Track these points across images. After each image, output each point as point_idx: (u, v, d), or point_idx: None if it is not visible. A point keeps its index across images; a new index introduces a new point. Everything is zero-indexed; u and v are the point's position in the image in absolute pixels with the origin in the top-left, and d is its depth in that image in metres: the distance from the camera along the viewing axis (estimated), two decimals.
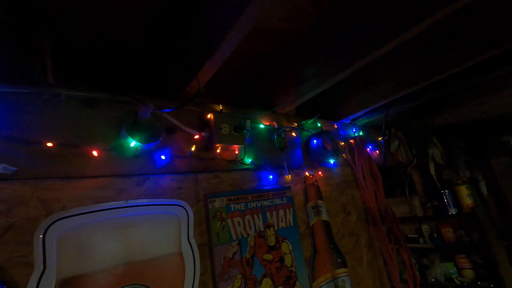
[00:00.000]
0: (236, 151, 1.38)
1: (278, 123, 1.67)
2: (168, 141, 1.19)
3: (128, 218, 1.01)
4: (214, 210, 1.21)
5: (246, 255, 1.24)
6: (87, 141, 1.01)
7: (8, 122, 0.89)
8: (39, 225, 0.85)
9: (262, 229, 1.34)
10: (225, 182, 1.32)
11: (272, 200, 1.43)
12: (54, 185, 0.91)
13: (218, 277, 1.13)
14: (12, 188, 0.85)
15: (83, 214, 0.92)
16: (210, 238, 1.17)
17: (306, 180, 1.66)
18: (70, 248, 0.88)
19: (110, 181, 1.02)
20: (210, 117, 1.30)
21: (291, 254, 1.40)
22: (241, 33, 0.92)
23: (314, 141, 1.77)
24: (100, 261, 0.92)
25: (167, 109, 1.06)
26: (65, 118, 1.00)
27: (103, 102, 1.09)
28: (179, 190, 1.16)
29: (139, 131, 1.06)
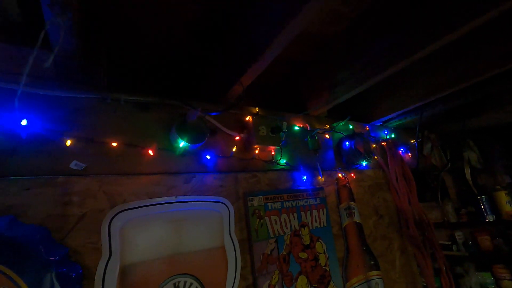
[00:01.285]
0: (272, 152, 1.43)
1: (310, 125, 1.70)
2: (211, 142, 1.27)
3: (178, 213, 1.09)
4: (253, 208, 1.27)
5: (283, 252, 1.28)
6: (143, 141, 1.10)
7: (78, 123, 1.01)
8: (105, 216, 0.95)
9: (297, 228, 1.38)
10: (262, 182, 1.38)
11: (306, 200, 1.47)
12: (117, 180, 1.01)
13: (258, 271, 1.19)
14: (83, 182, 0.96)
15: (141, 207, 1.02)
16: (249, 234, 1.23)
17: (339, 182, 1.68)
18: (130, 238, 0.97)
19: (161, 178, 1.11)
20: (248, 119, 1.36)
21: (325, 253, 1.43)
22: (287, 40, 0.98)
23: (346, 143, 1.78)
24: (155, 251, 1.01)
25: (214, 113, 1.14)
26: (124, 120, 1.10)
27: (154, 105, 1.19)
28: (221, 188, 1.24)
29: (187, 132, 1.14)
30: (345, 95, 1.60)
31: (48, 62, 0.69)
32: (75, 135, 0.98)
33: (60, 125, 0.97)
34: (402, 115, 2.15)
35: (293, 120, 1.64)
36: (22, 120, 0.86)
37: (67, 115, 1.00)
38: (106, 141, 1.03)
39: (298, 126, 1.59)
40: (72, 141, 0.96)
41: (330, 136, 1.77)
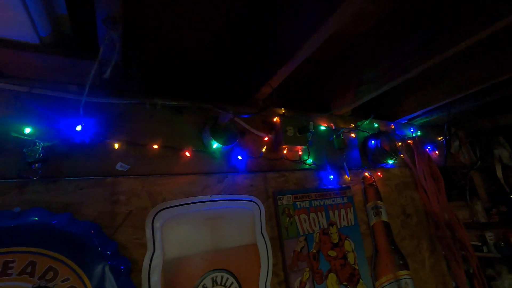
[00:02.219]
0: (300, 152, 1.45)
1: (334, 124, 1.71)
2: (241, 143, 1.31)
3: (213, 211, 1.15)
4: (283, 207, 1.30)
5: (313, 250, 1.31)
6: (178, 143, 1.17)
7: (121, 128, 1.08)
8: (148, 213, 1.02)
9: (325, 226, 1.40)
10: (290, 181, 1.41)
11: (333, 199, 1.48)
12: (157, 180, 1.08)
13: (289, 268, 1.22)
14: (128, 182, 1.03)
15: (179, 206, 1.08)
16: (280, 232, 1.27)
17: (365, 181, 1.68)
18: (171, 234, 1.04)
19: (197, 178, 1.17)
20: (276, 120, 1.40)
21: (354, 252, 1.44)
22: (319, 42, 1.00)
23: (372, 141, 1.77)
24: (193, 247, 1.06)
25: (245, 115, 1.18)
26: (161, 124, 1.17)
27: (187, 109, 1.25)
28: (251, 187, 1.28)
29: (220, 134, 1.19)
30: (371, 94, 1.60)
31: (107, 73, 0.76)
32: (119, 139, 1.06)
33: (106, 129, 1.05)
34: (429, 112, 2.10)
35: (318, 120, 1.66)
36: (77, 126, 0.94)
37: (111, 120, 1.07)
38: (147, 144, 1.10)
39: (323, 126, 1.60)
40: (118, 144, 1.03)
41: (355, 135, 1.77)
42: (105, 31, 0.76)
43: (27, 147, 0.88)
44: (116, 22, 0.74)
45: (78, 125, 0.95)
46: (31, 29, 0.81)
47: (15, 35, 0.83)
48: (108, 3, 0.70)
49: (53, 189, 0.91)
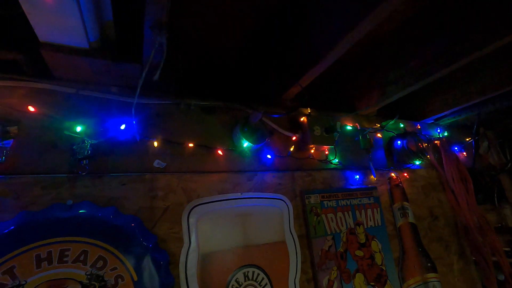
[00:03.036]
0: (326, 152, 1.46)
1: (359, 124, 1.70)
2: (269, 142, 1.34)
3: (243, 208, 1.18)
4: (310, 206, 1.32)
5: (340, 249, 1.31)
6: (210, 142, 1.21)
7: (158, 127, 1.14)
8: (184, 209, 1.07)
9: (352, 226, 1.40)
10: (317, 180, 1.42)
11: (360, 199, 1.48)
12: (192, 177, 1.13)
13: (317, 266, 1.23)
14: (165, 179, 1.08)
15: (213, 202, 1.12)
16: (308, 230, 1.28)
17: (391, 181, 1.66)
18: (205, 229, 1.08)
19: (228, 176, 1.20)
20: (303, 120, 1.41)
21: (381, 253, 1.43)
22: (351, 43, 1.01)
23: (398, 142, 1.75)
24: (226, 242, 1.10)
25: (276, 115, 1.20)
26: (194, 123, 1.22)
27: (218, 109, 1.29)
28: (279, 186, 1.30)
29: (250, 133, 1.22)
30: (397, 94, 1.58)
31: (156, 75, 0.81)
32: (156, 137, 1.11)
33: (144, 128, 1.10)
34: (457, 112, 2.04)
35: (343, 120, 1.66)
36: (122, 125, 1.00)
37: (149, 120, 1.13)
38: (182, 142, 1.15)
39: (349, 126, 1.60)
40: (157, 142, 1.08)
41: (381, 135, 1.75)
42: (152, 35, 0.81)
43: (76, 144, 0.95)
44: (163, 28, 0.78)
45: (122, 124, 1.01)
46: (83, 35, 0.88)
47: (68, 41, 0.90)
48: (156, 9, 0.75)
49: (99, 184, 0.97)
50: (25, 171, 0.89)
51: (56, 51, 0.89)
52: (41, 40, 0.87)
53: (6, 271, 0.74)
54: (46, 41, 0.87)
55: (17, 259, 0.76)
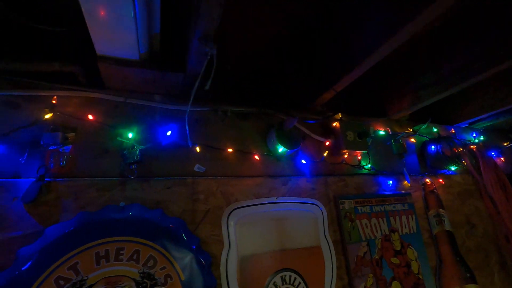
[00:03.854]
0: (359, 157, 1.45)
1: (391, 129, 1.67)
2: (303, 147, 1.35)
3: (279, 212, 1.20)
4: (345, 211, 1.31)
5: (375, 256, 1.30)
6: (245, 147, 1.24)
7: (197, 132, 1.18)
8: (223, 212, 1.10)
9: (387, 232, 1.37)
10: (350, 186, 1.41)
11: (394, 205, 1.45)
12: (229, 182, 1.16)
13: (353, 273, 1.22)
14: (205, 183, 1.12)
15: (250, 206, 1.15)
16: (342, 236, 1.28)
17: (425, 187, 1.62)
18: (243, 232, 1.10)
19: (264, 180, 1.23)
20: (336, 125, 1.41)
21: (417, 261, 1.39)
22: (390, 49, 1.01)
23: (432, 146, 1.70)
24: (263, 245, 1.12)
25: (311, 121, 1.22)
26: (230, 129, 1.26)
27: (252, 115, 1.33)
28: (313, 191, 1.31)
29: (284, 138, 1.25)
30: (432, 98, 1.55)
31: (207, 85, 0.86)
32: (196, 142, 1.16)
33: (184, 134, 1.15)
34: (494, 116, 1.95)
35: (374, 125, 1.64)
36: (168, 131, 1.06)
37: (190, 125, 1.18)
38: (219, 147, 1.19)
39: (382, 131, 1.58)
40: (199, 147, 1.13)
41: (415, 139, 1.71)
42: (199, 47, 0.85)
43: (127, 150, 1.01)
44: (211, 40, 0.83)
45: (168, 130, 1.06)
46: (136, 47, 0.94)
47: (122, 53, 0.97)
48: (207, 23, 0.79)
49: (146, 187, 1.03)
50: (82, 174, 0.97)
51: (111, 63, 0.96)
52: (98, 53, 0.94)
53: (71, 267, 0.80)
54: (103, 54, 0.94)
55: (80, 256, 0.82)
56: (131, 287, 0.84)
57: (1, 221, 0.83)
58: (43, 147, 0.93)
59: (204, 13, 0.75)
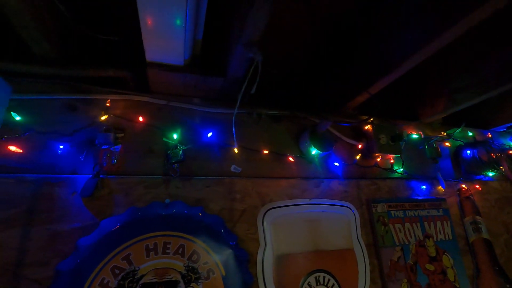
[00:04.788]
0: (392, 160, 1.44)
1: (423, 132, 1.64)
2: (334, 150, 1.36)
3: (312, 213, 1.21)
4: (377, 215, 1.30)
5: (409, 261, 1.28)
6: (278, 149, 1.27)
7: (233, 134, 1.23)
8: (259, 212, 1.14)
9: (421, 238, 1.35)
10: (382, 189, 1.40)
11: (428, 211, 1.42)
12: (264, 182, 1.19)
13: (387, 277, 1.21)
14: (241, 183, 1.16)
15: (284, 207, 1.17)
16: (375, 240, 1.27)
17: (461, 193, 1.57)
18: (278, 232, 1.13)
19: (297, 182, 1.25)
20: (368, 128, 1.41)
21: (453, 269, 1.35)
22: (430, 53, 1.01)
23: (467, 151, 1.65)
24: (297, 246, 1.14)
25: (346, 123, 1.23)
26: (264, 131, 1.29)
27: (284, 117, 1.36)
28: (345, 194, 1.32)
29: (317, 141, 1.26)
30: (468, 102, 1.51)
31: (253, 89, 0.90)
32: (232, 144, 1.20)
33: (222, 136, 1.20)
34: None
35: (405, 128, 1.62)
36: (208, 133, 1.11)
37: (225, 127, 1.23)
38: (254, 149, 1.23)
39: (415, 134, 1.56)
40: (237, 149, 1.18)
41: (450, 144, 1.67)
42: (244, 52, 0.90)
43: (170, 150, 1.07)
44: (256, 46, 0.87)
45: (209, 132, 1.12)
46: (182, 54, 1.00)
47: (168, 60, 1.03)
48: (253, 30, 0.84)
49: (188, 186, 1.08)
50: (130, 172, 1.04)
51: (159, 68, 1.03)
52: (148, 60, 1.01)
53: (124, 258, 0.86)
54: (152, 60, 1.01)
55: (132, 248, 0.88)
56: (177, 279, 0.89)
57: (63, 214, 0.91)
58: (97, 147, 1.01)
59: (252, 21, 0.79)
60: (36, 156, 0.94)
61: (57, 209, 0.91)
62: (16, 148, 0.86)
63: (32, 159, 0.94)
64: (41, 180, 0.92)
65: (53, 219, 0.89)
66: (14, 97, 0.97)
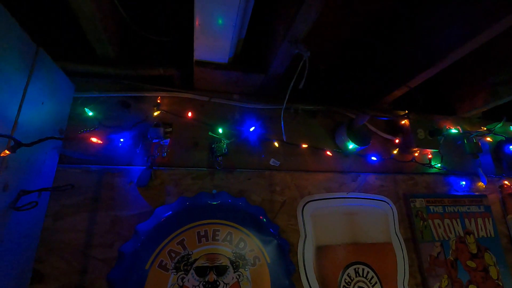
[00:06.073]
0: (429, 155, 1.42)
1: (461, 127, 1.59)
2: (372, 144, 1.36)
3: (350, 207, 1.23)
4: (416, 210, 1.30)
5: (450, 257, 1.26)
6: (315, 143, 1.30)
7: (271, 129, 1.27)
8: (298, 204, 1.17)
9: (462, 234, 1.32)
10: (420, 184, 1.39)
11: (468, 207, 1.39)
12: (302, 175, 1.23)
13: (426, 272, 1.20)
14: (280, 176, 1.20)
15: (324, 199, 1.20)
16: (413, 234, 1.26)
17: (503, 190, 1.51)
18: (318, 224, 1.16)
19: (334, 175, 1.27)
20: (405, 123, 1.40)
21: (496, 267, 1.31)
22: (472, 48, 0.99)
23: (510, 146, 1.59)
24: (336, 237, 1.16)
25: (384, 118, 1.23)
26: (300, 126, 1.32)
27: (319, 112, 1.38)
28: (382, 188, 1.32)
29: (355, 135, 1.27)
30: (508, 97, 1.45)
31: (301, 84, 0.93)
32: (271, 138, 1.24)
33: (261, 129, 1.25)
34: None
35: (443, 123, 1.58)
36: (251, 128, 1.16)
37: (265, 122, 1.27)
38: (292, 143, 1.26)
39: (454, 129, 1.52)
40: (277, 142, 1.22)
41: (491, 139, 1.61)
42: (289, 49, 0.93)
43: (215, 144, 1.13)
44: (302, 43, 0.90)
45: (251, 126, 1.17)
46: (227, 52, 1.05)
47: (214, 58, 1.09)
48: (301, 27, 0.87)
49: (231, 178, 1.14)
50: (178, 164, 1.11)
51: (205, 66, 1.09)
52: (196, 58, 1.07)
53: (179, 243, 0.93)
54: (199, 59, 1.07)
55: (185, 234, 0.95)
56: (227, 264, 0.95)
57: (122, 201, 0.99)
58: (148, 140, 1.08)
59: (301, 18, 0.82)
60: (98, 149, 1.03)
61: (117, 197, 0.99)
62: (97, 139, 0.94)
63: (95, 152, 1.03)
64: (103, 171, 1.01)
65: (114, 206, 0.98)
66: (76, 95, 1.06)
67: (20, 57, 0.75)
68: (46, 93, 0.87)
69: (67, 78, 1.00)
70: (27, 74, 0.79)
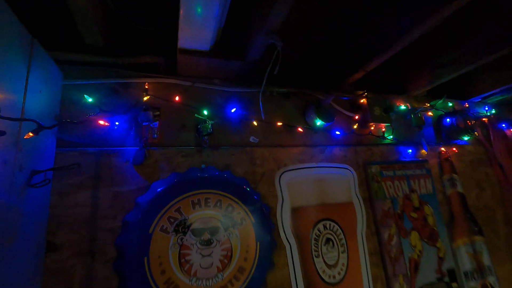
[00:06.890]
0: (383, 129, 1.68)
1: (410, 104, 1.87)
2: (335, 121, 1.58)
3: (319, 175, 1.45)
4: (372, 174, 1.56)
5: (397, 211, 1.56)
6: (288, 121, 1.48)
7: (249, 110, 1.42)
8: (276, 174, 1.37)
9: (407, 192, 1.62)
10: (375, 154, 1.65)
11: (413, 170, 1.69)
12: (279, 150, 1.41)
13: (379, 223, 1.49)
14: (260, 151, 1.38)
15: (297, 169, 1.41)
16: (370, 194, 1.53)
17: (441, 155, 1.84)
18: (292, 189, 1.37)
19: (305, 149, 1.48)
20: (363, 101, 1.63)
21: (433, 216, 1.65)
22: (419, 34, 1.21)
23: (447, 119, 1.91)
24: (307, 200, 1.39)
25: (345, 97, 1.44)
26: (275, 106, 1.49)
27: (292, 94, 1.55)
28: (345, 158, 1.56)
29: (322, 113, 1.48)
30: (448, 76, 1.73)
31: (276, 70, 1.08)
32: (250, 118, 1.40)
33: (242, 111, 1.40)
34: (505, 91, 2.12)
35: (395, 101, 1.85)
36: (232, 109, 1.31)
37: (244, 104, 1.42)
38: (269, 122, 1.43)
39: (403, 106, 1.79)
40: (256, 122, 1.38)
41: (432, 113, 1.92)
42: (265, 39, 1.07)
43: (201, 124, 1.26)
44: (277, 34, 1.04)
45: (232, 108, 1.31)
46: (209, 41, 1.17)
47: (197, 46, 1.19)
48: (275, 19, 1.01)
49: (217, 154, 1.29)
50: (168, 144, 1.23)
51: (188, 54, 1.19)
52: (180, 46, 1.17)
53: (176, 210, 1.08)
54: (183, 47, 1.17)
55: (181, 203, 1.10)
56: (218, 225, 1.13)
57: (120, 179, 1.11)
58: (139, 123, 1.19)
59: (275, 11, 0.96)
60: (94, 132, 1.12)
61: (116, 175, 1.10)
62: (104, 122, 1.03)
63: (89, 135, 1.11)
64: (100, 152, 1.10)
65: (114, 183, 1.09)
66: (65, 82, 1.12)
67: (20, 48, 0.82)
68: (42, 82, 0.94)
69: (56, 66, 1.06)
70: (27, 64, 0.85)
